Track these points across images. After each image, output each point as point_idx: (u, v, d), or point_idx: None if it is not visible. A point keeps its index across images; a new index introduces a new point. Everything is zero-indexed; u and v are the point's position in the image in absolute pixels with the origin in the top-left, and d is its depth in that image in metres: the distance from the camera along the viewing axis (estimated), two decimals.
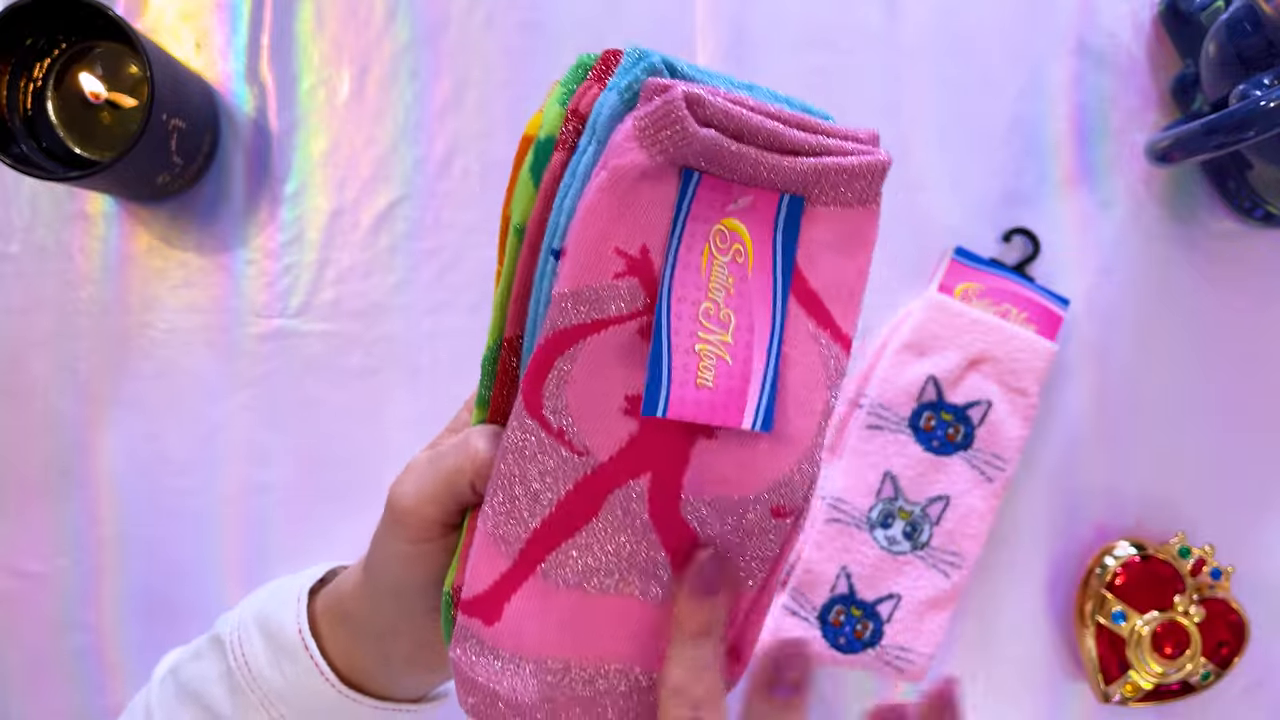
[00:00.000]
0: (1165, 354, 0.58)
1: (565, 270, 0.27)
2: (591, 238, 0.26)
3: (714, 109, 0.26)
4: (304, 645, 0.37)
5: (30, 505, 0.56)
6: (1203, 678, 0.56)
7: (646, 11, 0.57)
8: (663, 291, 0.27)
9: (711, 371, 0.27)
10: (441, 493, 0.31)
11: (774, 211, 0.28)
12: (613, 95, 0.27)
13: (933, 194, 0.57)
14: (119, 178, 0.50)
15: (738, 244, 0.27)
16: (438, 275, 0.56)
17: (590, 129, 0.27)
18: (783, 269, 0.28)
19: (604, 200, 0.26)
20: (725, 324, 0.27)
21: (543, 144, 0.28)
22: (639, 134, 0.25)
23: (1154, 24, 0.58)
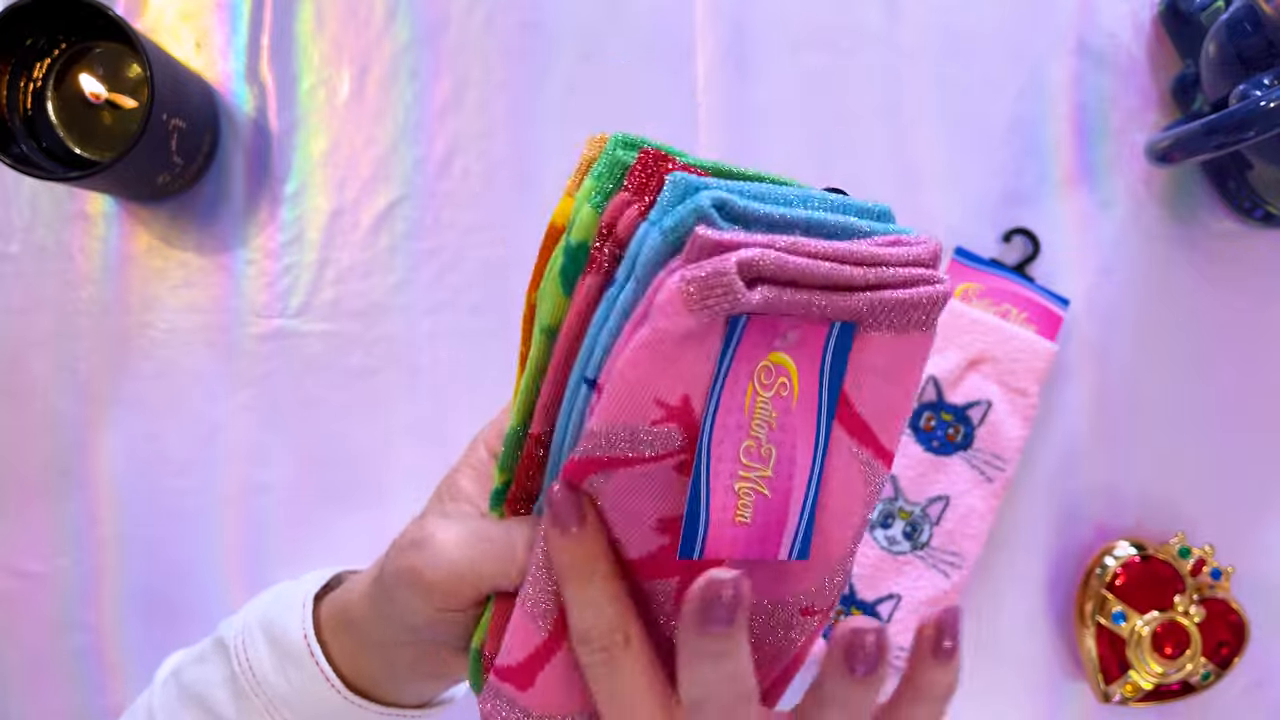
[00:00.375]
0: (1165, 354, 0.58)
1: (601, 408, 0.26)
2: (630, 384, 0.25)
3: (767, 267, 0.24)
4: (309, 651, 0.37)
5: (30, 505, 0.56)
6: (1203, 678, 0.56)
7: (646, 11, 0.57)
8: (703, 437, 0.26)
9: (750, 509, 0.27)
10: (480, 584, 0.31)
11: (823, 342, 0.26)
12: (655, 234, 0.25)
13: (933, 194, 0.57)
14: (119, 178, 0.50)
15: (783, 378, 0.26)
16: (438, 275, 0.56)
17: (630, 263, 0.26)
18: (829, 398, 0.27)
19: (645, 355, 0.25)
20: (766, 459, 0.27)
21: (574, 250, 0.27)
22: (685, 300, 0.24)
23: (1154, 24, 0.58)
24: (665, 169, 0.26)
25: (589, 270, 0.27)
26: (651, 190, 0.26)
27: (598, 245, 0.27)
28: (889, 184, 0.57)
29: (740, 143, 0.57)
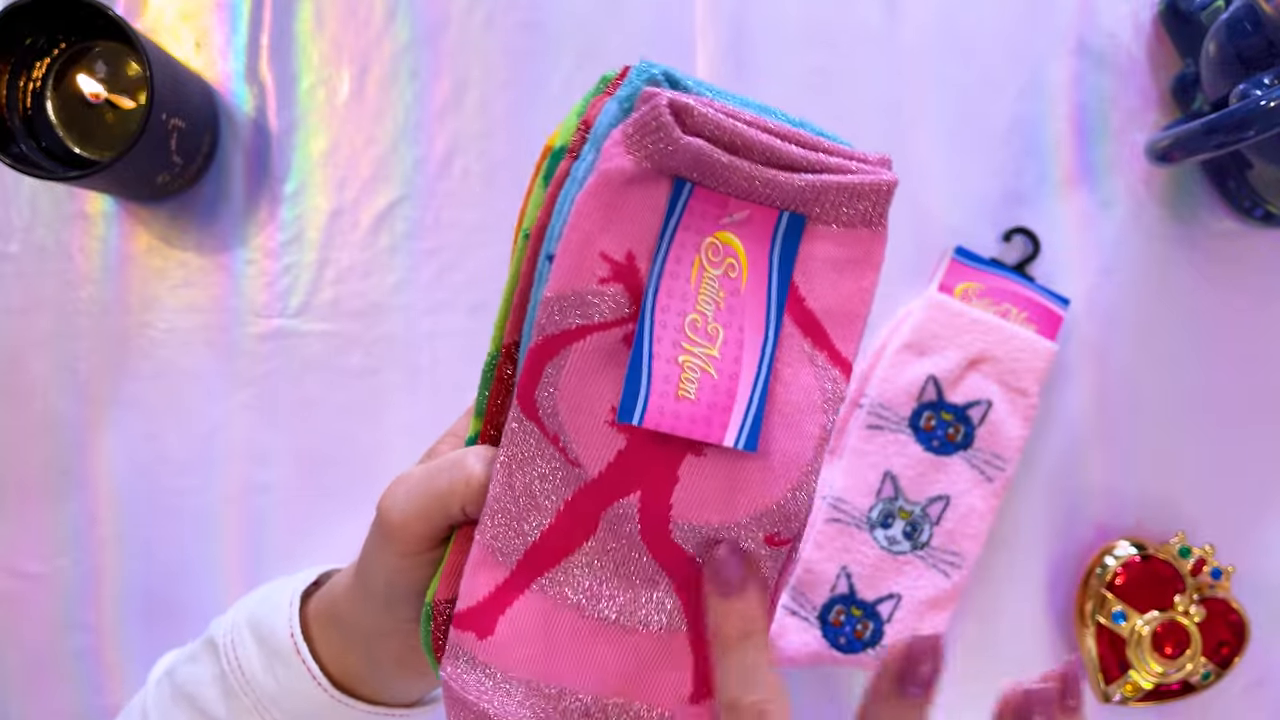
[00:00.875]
0: (1165, 354, 0.58)
1: (553, 274, 0.26)
2: (576, 241, 0.26)
3: (703, 119, 0.25)
4: (295, 649, 0.37)
5: (30, 505, 0.56)
6: (1203, 677, 0.56)
7: (647, 11, 0.57)
8: (647, 298, 0.26)
9: (694, 384, 0.26)
10: (433, 511, 0.30)
11: (771, 228, 0.27)
12: (613, 104, 0.27)
13: (933, 194, 0.57)
14: (119, 178, 0.50)
15: (731, 259, 0.26)
16: (438, 275, 0.56)
17: (592, 137, 0.27)
18: (778, 287, 0.27)
19: (589, 204, 0.26)
20: (713, 337, 0.26)
21: (556, 152, 0.28)
22: (625, 139, 0.25)
23: (1154, 24, 0.58)
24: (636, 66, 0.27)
25: (565, 157, 0.28)
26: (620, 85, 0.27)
27: (576, 139, 0.28)
28: None
29: None
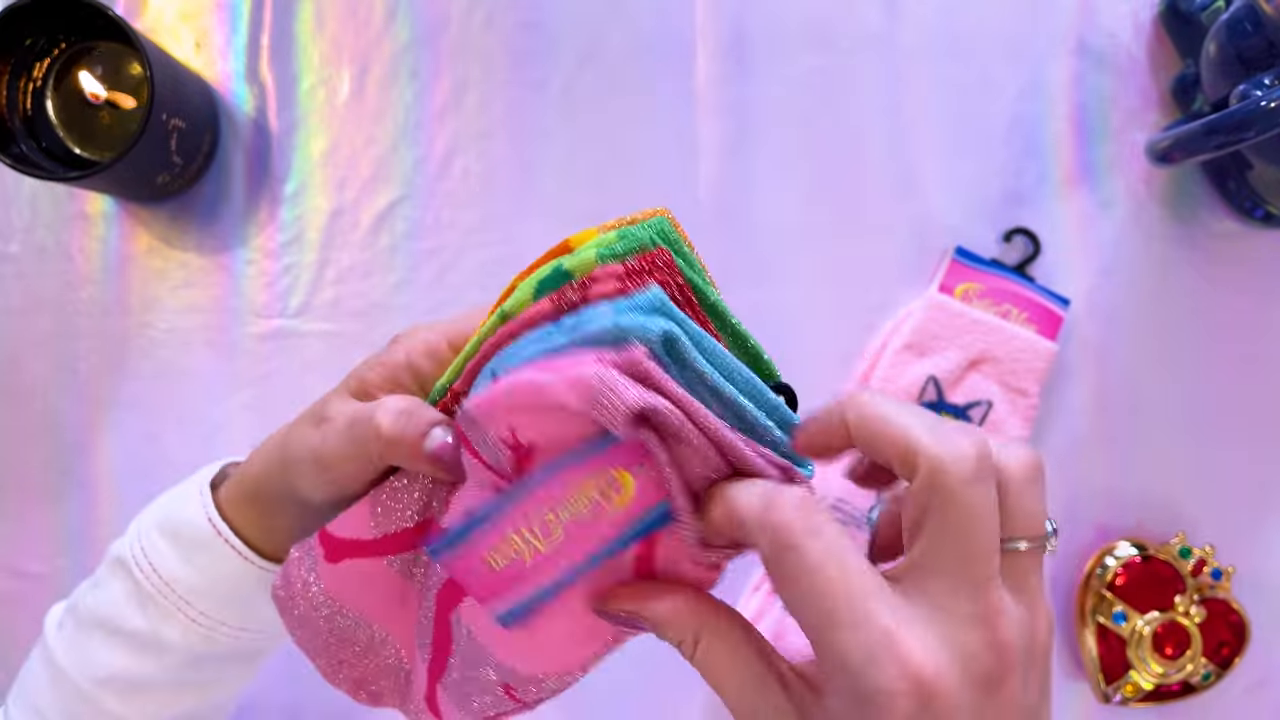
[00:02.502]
0: (1165, 354, 0.58)
1: (473, 403, 0.28)
2: (499, 404, 0.28)
3: (664, 422, 0.26)
4: (216, 531, 0.37)
5: (30, 505, 0.56)
6: (1203, 678, 0.56)
7: (647, 11, 0.57)
8: (524, 486, 0.28)
9: (504, 562, 0.29)
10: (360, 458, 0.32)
11: (656, 501, 0.28)
12: (608, 321, 0.27)
13: (933, 194, 0.57)
14: (119, 178, 0.50)
15: (615, 494, 0.28)
16: (438, 275, 0.56)
17: (574, 321, 0.28)
18: (621, 540, 0.29)
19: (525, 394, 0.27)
20: (550, 536, 0.29)
21: (561, 273, 0.29)
22: (583, 391, 0.26)
23: (1154, 24, 0.58)
24: (658, 277, 0.28)
25: (552, 298, 0.29)
26: (636, 284, 0.28)
27: (573, 287, 0.29)
28: (889, 184, 0.57)
29: (740, 142, 0.57)
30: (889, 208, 0.57)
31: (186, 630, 0.38)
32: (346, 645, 0.35)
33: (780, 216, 0.57)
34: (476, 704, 0.33)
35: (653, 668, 0.57)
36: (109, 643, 0.38)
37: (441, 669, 0.33)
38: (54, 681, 0.39)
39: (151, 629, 0.38)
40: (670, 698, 0.57)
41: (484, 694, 0.33)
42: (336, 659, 0.35)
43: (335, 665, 0.35)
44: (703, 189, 0.56)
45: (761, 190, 0.57)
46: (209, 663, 0.39)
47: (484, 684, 0.33)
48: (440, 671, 0.34)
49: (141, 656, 0.38)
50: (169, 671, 0.38)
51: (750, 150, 0.57)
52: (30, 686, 0.40)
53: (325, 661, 0.35)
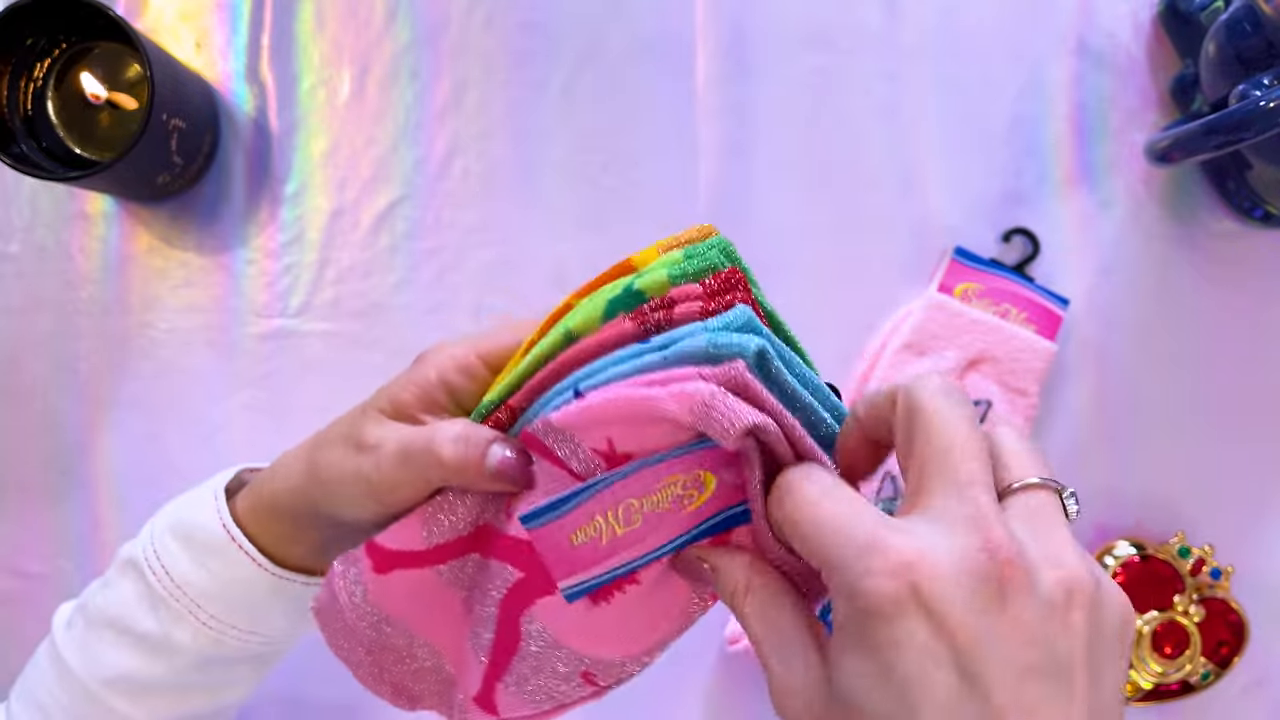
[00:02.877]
0: (1165, 354, 0.58)
1: (570, 413, 0.30)
2: (598, 416, 0.29)
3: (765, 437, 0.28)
4: (230, 538, 0.37)
5: (30, 505, 0.56)
6: (1202, 677, 0.56)
7: (647, 11, 0.57)
8: (619, 472, 0.29)
9: (584, 541, 0.30)
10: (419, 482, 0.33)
11: (733, 503, 0.30)
12: (702, 339, 0.29)
13: (933, 194, 0.57)
14: (119, 178, 0.50)
15: (698, 492, 0.30)
16: (438, 275, 0.56)
17: (668, 341, 0.29)
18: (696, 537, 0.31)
19: (629, 407, 0.29)
20: (629, 523, 0.30)
21: (633, 293, 0.30)
22: (694, 409, 0.28)
23: (1154, 24, 0.58)
24: (737, 296, 0.30)
25: (633, 317, 0.30)
26: (718, 303, 0.30)
27: (652, 306, 0.30)
28: (889, 184, 0.57)
29: (740, 142, 0.57)
30: (889, 208, 0.57)
31: (197, 633, 0.38)
32: (389, 652, 0.36)
33: (780, 216, 0.57)
34: (550, 693, 0.35)
35: (653, 668, 0.57)
36: (118, 643, 0.38)
37: (503, 668, 0.35)
38: (61, 679, 0.39)
39: (162, 631, 0.38)
40: (670, 698, 0.57)
41: (561, 683, 0.35)
42: (378, 666, 0.36)
43: (378, 673, 0.36)
44: (703, 189, 0.56)
45: (761, 190, 0.57)
46: (217, 666, 0.39)
47: (562, 674, 0.34)
48: (501, 671, 0.35)
49: (151, 658, 0.38)
50: (177, 673, 0.38)
51: (750, 150, 0.57)
52: (35, 684, 0.40)
53: (367, 671, 0.36)
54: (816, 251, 0.57)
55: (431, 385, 0.34)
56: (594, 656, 0.34)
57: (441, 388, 0.34)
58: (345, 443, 0.35)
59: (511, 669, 0.35)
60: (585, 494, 0.30)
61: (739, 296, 0.30)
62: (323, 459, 0.35)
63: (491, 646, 0.34)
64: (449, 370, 0.34)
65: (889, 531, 0.25)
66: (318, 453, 0.36)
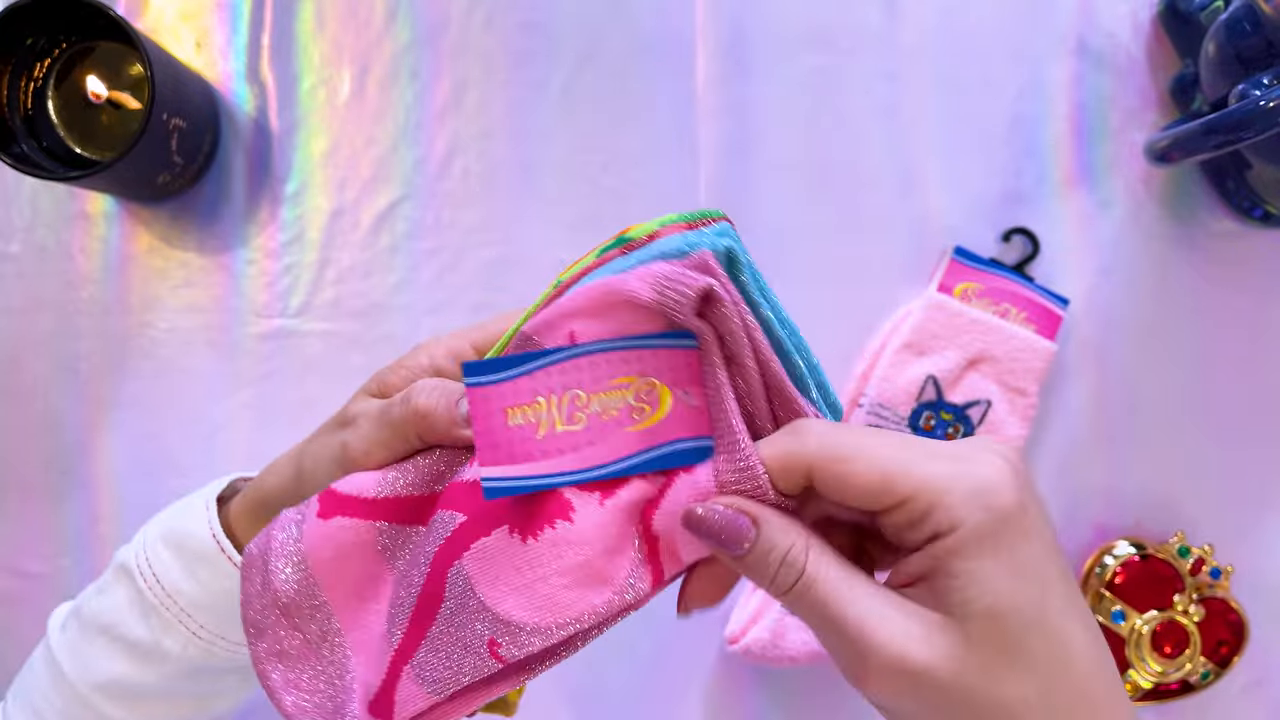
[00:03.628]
0: (1164, 354, 0.58)
1: (535, 318, 0.30)
2: (561, 310, 0.29)
3: (724, 322, 0.28)
4: (219, 548, 0.37)
5: (30, 505, 0.56)
6: (1202, 677, 0.56)
7: (647, 11, 0.57)
8: (571, 349, 0.28)
9: (520, 420, 0.29)
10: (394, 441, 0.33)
11: (691, 435, 0.29)
12: (677, 240, 0.29)
13: (933, 194, 0.57)
14: (119, 178, 0.50)
15: (649, 408, 0.28)
16: (438, 275, 0.56)
17: (642, 253, 0.29)
18: (643, 463, 0.29)
19: (592, 293, 0.28)
20: (572, 421, 0.29)
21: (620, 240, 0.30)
22: (654, 280, 0.27)
23: (1153, 24, 0.58)
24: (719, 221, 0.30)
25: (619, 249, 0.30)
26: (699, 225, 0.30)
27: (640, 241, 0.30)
28: (889, 184, 0.57)
29: (740, 142, 0.57)
30: (888, 208, 0.57)
31: (187, 642, 0.38)
32: (296, 633, 0.33)
33: (780, 216, 0.57)
34: (451, 672, 0.31)
35: (653, 668, 0.57)
36: (110, 649, 0.38)
37: (418, 640, 0.31)
38: (54, 682, 0.39)
39: (153, 639, 0.38)
40: (670, 698, 0.57)
41: (464, 656, 0.30)
42: (279, 645, 0.33)
43: (274, 653, 0.33)
44: (703, 189, 0.56)
45: (761, 190, 0.57)
46: (207, 675, 0.39)
47: (467, 642, 0.30)
48: (415, 644, 0.31)
49: (141, 665, 0.38)
50: (168, 681, 0.38)
51: (750, 150, 0.57)
52: (31, 686, 0.40)
53: (267, 646, 0.33)
54: (816, 251, 0.57)
55: (420, 369, 0.35)
56: (503, 616, 0.30)
57: (431, 372, 0.35)
58: (330, 428, 0.35)
59: (425, 641, 0.31)
60: (532, 361, 0.28)
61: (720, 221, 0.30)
62: (309, 449, 0.36)
63: (411, 614, 0.31)
64: (440, 356, 0.35)
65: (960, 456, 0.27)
66: (305, 447, 0.36)
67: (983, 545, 0.26)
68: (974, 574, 0.26)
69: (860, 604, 0.27)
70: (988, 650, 0.26)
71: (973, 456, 0.27)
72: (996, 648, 0.26)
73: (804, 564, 0.27)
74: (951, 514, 0.26)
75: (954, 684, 0.26)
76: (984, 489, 0.26)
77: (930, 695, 0.26)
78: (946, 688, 0.26)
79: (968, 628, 0.26)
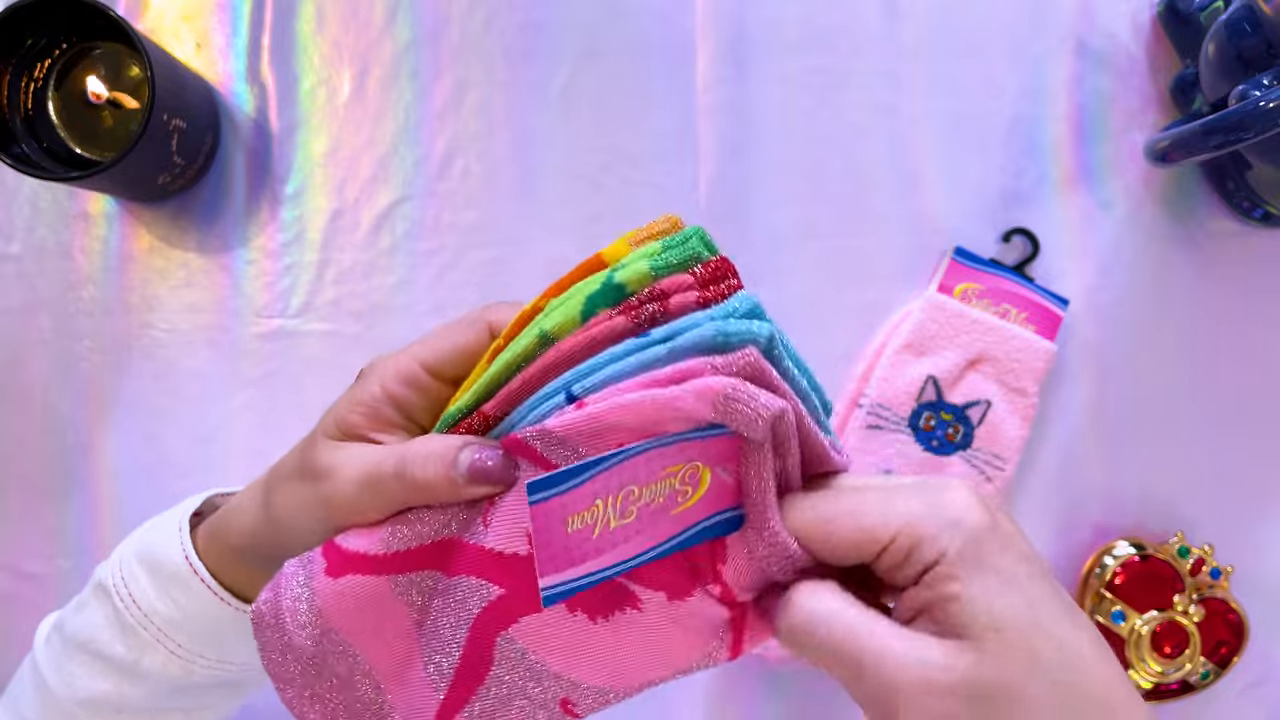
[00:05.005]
0: (1165, 353, 0.58)
1: (572, 422, 0.29)
2: (609, 423, 0.28)
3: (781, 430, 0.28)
4: (193, 570, 0.37)
5: (30, 505, 0.56)
6: (1202, 677, 0.56)
7: (647, 11, 0.57)
8: (628, 450, 0.28)
9: (579, 525, 0.29)
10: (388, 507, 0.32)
11: (724, 507, 0.29)
12: (710, 329, 0.28)
13: (933, 194, 0.57)
14: (120, 178, 0.50)
15: (691, 489, 0.29)
16: (438, 275, 0.56)
17: (670, 333, 0.29)
18: (682, 544, 0.29)
19: (646, 411, 0.28)
20: (625, 516, 0.29)
21: (613, 288, 0.29)
22: (715, 403, 0.27)
23: (1153, 24, 0.58)
24: (732, 283, 0.29)
25: (622, 312, 0.29)
26: (715, 291, 0.29)
27: (642, 299, 0.29)
28: (889, 184, 0.57)
29: (740, 142, 0.57)
30: (888, 208, 0.57)
31: (167, 661, 0.38)
32: (324, 676, 0.33)
33: (779, 216, 0.57)
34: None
35: None
36: (91, 666, 0.38)
37: (465, 699, 0.32)
38: (39, 695, 0.39)
39: (132, 657, 0.37)
40: (670, 698, 0.57)
41: (535, 713, 0.32)
42: (309, 690, 0.33)
43: (307, 698, 0.33)
44: (702, 189, 0.56)
45: (761, 190, 0.57)
46: (189, 691, 0.39)
47: (537, 703, 0.32)
48: (463, 702, 0.32)
49: (123, 682, 0.38)
50: (149, 698, 0.38)
51: (750, 150, 0.57)
52: (19, 695, 0.40)
53: (296, 693, 0.33)
54: (816, 252, 0.57)
55: (377, 401, 0.34)
56: (578, 681, 0.32)
57: (387, 402, 0.33)
58: (298, 476, 0.34)
59: (476, 698, 0.32)
60: (595, 468, 0.28)
61: (735, 284, 0.29)
62: (276, 498, 0.35)
63: (454, 673, 0.32)
64: (392, 383, 0.34)
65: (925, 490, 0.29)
66: (271, 494, 0.35)
67: (968, 566, 0.27)
68: (969, 594, 0.27)
69: (879, 640, 0.27)
70: (1003, 662, 0.26)
71: (936, 488, 0.29)
72: (1009, 659, 0.26)
73: None
74: (935, 545, 0.27)
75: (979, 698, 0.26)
76: (957, 516, 0.28)
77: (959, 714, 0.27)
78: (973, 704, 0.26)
79: (978, 646, 0.26)
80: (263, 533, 0.35)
